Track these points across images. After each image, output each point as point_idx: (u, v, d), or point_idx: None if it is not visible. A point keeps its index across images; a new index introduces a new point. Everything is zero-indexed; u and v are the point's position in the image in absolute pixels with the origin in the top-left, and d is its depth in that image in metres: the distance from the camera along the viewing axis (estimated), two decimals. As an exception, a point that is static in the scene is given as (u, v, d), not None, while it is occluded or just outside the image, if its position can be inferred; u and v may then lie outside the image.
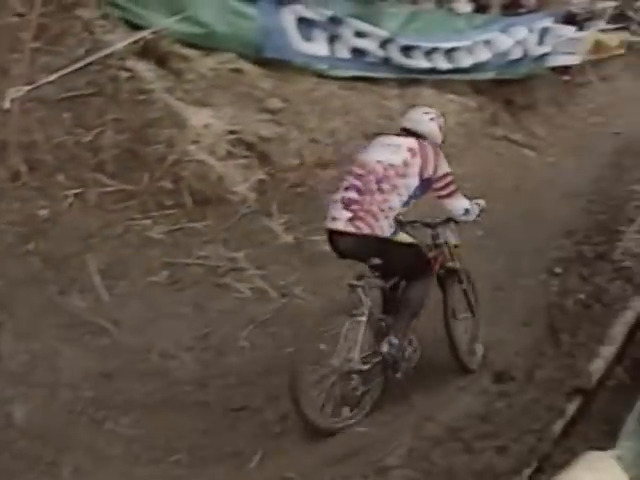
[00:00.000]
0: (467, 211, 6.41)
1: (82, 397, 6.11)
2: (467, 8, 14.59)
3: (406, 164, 6.07)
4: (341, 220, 6.02)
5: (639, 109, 15.94)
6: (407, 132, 6.45)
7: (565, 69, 16.77)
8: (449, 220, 6.60)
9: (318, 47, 11.22)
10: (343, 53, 11.55)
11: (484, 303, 7.21)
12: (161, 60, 9.39)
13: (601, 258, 8.35)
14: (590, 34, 17.75)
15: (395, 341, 6.06)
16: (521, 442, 5.12)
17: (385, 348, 6.03)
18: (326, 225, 6.20)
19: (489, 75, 13.99)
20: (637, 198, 9.32)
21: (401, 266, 6.21)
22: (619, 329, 6.48)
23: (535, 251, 9.15)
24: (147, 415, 6.09)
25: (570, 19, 16.90)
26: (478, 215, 6.58)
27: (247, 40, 10.34)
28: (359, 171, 6.18)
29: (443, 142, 6.66)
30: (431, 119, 6.59)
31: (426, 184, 6.16)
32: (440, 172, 6.18)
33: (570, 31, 16.54)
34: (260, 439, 5.94)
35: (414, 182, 6.07)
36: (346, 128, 10.67)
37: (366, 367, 5.96)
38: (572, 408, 5.47)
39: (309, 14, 10.99)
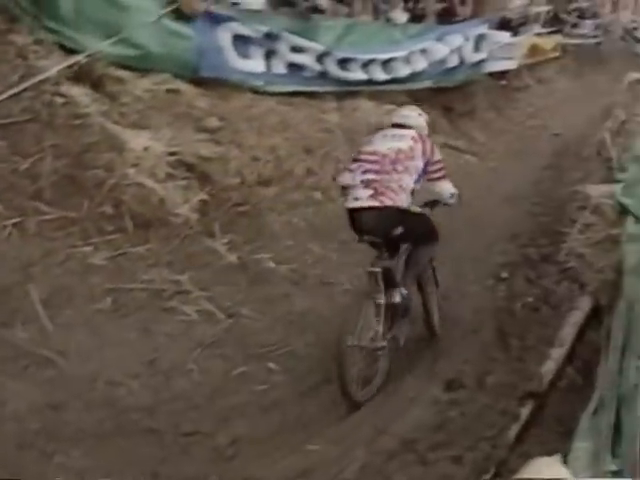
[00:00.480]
0: (452, 195, 7.12)
1: (30, 430, 5.94)
2: (403, 18, 14.71)
3: (412, 149, 6.87)
4: (363, 198, 6.69)
5: (576, 110, 16.23)
6: (399, 126, 7.21)
7: (502, 74, 16.99)
8: (427, 204, 7.22)
9: (254, 64, 11.22)
10: (279, 68, 11.57)
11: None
12: (96, 84, 9.29)
13: (546, 260, 8.38)
14: (526, 38, 18.03)
15: (405, 291, 6.85)
16: (476, 450, 5.12)
17: (398, 298, 6.78)
18: (347, 206, 6.83)
19: (426, 84, 14.16)
20: (578, 198, 9.36)
21: (417, 232, 6.95)
22: (568, 330, 6.48)
23: (480, 257, 9.22)
24: (97, 445, 5.94)
25: (505, 24, 17.12)
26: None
27: (183, 60, 10.29)
28: (372, 157, 6.88)
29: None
30: (419, 115, 7.48)
31: (426, 167, 6.94)
32: (435, 157, 7.00)
33: (505, 37, 16.77)
34: (213, 463, 5.86)
35: (420, 164, 6.86)
36: (286, 144, 10.66)
37: (385, 343, 6.66)
38: (525, 412, 5.46)
39: (245, 31, 10.98)
